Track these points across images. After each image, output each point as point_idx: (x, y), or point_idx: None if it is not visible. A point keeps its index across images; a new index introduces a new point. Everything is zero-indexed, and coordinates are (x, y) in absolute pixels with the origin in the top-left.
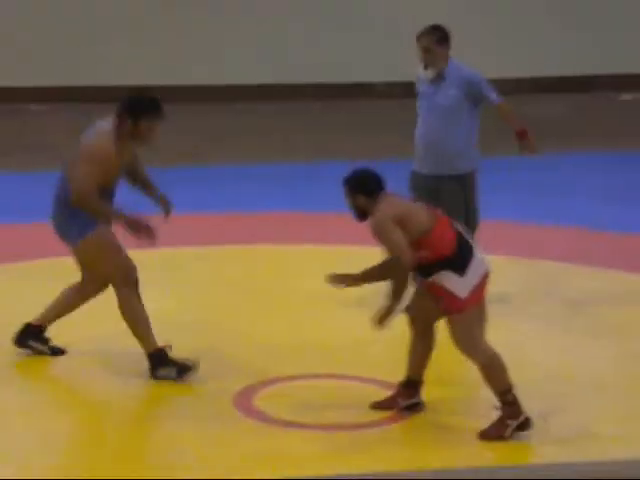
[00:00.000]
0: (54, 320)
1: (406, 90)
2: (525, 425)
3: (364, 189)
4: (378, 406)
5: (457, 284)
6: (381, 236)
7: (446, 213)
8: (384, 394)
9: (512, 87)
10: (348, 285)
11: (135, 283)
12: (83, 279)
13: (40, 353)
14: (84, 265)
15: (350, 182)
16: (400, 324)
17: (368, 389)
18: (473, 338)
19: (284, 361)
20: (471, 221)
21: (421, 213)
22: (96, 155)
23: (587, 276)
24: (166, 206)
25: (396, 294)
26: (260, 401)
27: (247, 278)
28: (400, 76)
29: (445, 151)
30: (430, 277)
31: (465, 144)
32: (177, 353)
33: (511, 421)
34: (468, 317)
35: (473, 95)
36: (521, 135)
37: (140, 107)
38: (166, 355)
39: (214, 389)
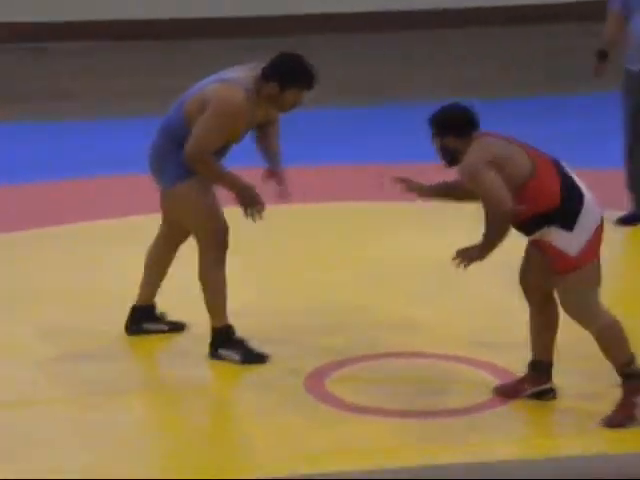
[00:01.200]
0: (156, 291)
1: None
2: None
3: (454, 128)
4: (501, 392)
5: (565, 240)
6: (475, 183)
7: None
8: (481, 376)
9: None
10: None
11: (225, 248)
12: (160, 235)
13: (159, 332)
14: (170, 214)
15: (437, 120)
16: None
17: (460, 369)
18: (587, 302)
19: (358, 338)
20: None
21: (521, 156)
22: (228, 111)
23: None
24: (281, 183)
25: (488, 245)
26: (334, 384)
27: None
28: None
29: None
30: (532, 235)
31: None
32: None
33: (638, 398)
34: (580, 278)
35: None
36: None
37: (294, 76)
38: (233, 335)
39: (283, 371)
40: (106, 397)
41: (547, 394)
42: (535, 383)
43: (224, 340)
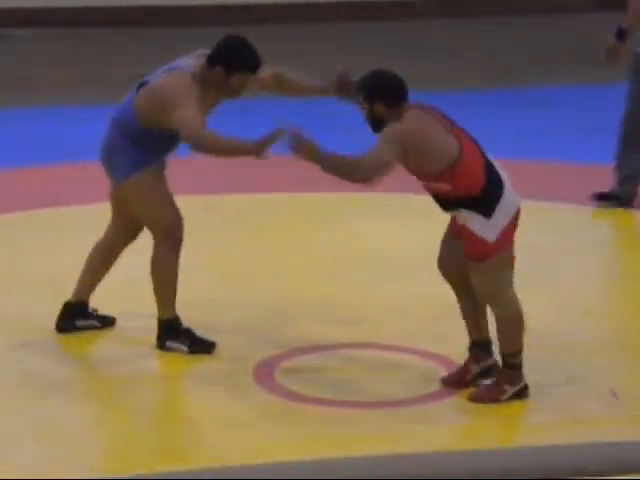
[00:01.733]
0: (94, 289)
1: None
2: (522, 393)
3: (386, 96)
4: (449, 382)
5: (483, 227)
6: (380, 141)
7: None
8: (428, 367)
9: None
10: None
11: (178, 239)
12: (110, 231)
13: (91, 329)
14: (121, 208)
15: (369, 85)
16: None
17: (408, 360)
18: (499, 288)
19: (307, 329)
20: None
21: (448, 137)
22: (184, 83)
23: None
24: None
25: (325, 166)
26: (283, 375)
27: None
28: None
29: None
30: (448, 211)
31: None
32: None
33: (509, 386)
34: (495, 264)
35: None
36: None
37: (238, 60)
38: (180, 326)
39: (232, 361)
40: (53, 389)
41: (492, 371)
42: (477, 361)
43: (171, 331)
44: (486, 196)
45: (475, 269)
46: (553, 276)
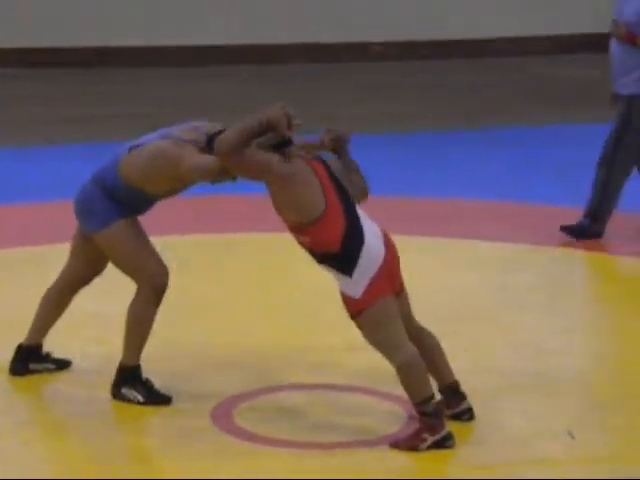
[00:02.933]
0: (47, 331)
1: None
2: (445, 441)
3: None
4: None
5: (347, 284)
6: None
7: None
8: (386, 406)
9: None
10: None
11: (161, 290)
12: (66, 273)
13: (45, 371)
14: (87, 251)
15: None
16: None
17: (367, 401)
18: (386, 339)
19: (265, 369)
20: None
21: (317, 192)
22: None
23: None
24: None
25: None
26: (241, 416)
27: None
28: None
29: None
30: (321, 265)
31: None
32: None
33: (428, 435)
34: (372, 317)
35: None
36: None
37: None
38: (140, 376)
39: (189, 402)
40: (9, 426)
41: (465, 414)
42: (449, 406)
43: (130, 379)
44: (343, 256)
45: (357, 325)
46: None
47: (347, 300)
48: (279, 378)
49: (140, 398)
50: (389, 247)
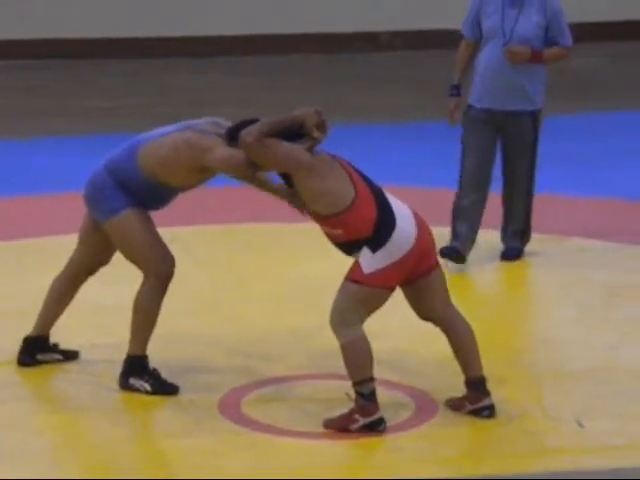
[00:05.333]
0: (54, 322)
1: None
2: (376, 425)
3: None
4: (452, 404)
5: (365, 256)
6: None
7: None
8: (393, 395)
9: None
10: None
11: (170, 275)
12: (73, 262)
13: (53, 362)
14: (96, 241)
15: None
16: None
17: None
18: (347, 316)
19: (274, 359)
20: None
21: (343, 182)
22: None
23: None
24: None
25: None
26: (249, 406)
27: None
28: None
29: None
30: (351, 255)
31: None
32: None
33: (360, 417)
34: (357, 293)
35: None
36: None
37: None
38: (147, 365)
39: (197, 392)
40: (19, 417)
41: (485, 410)
42: (471, 401)
43: (138, 369)
44: (376, 237)
45: (342, 284)
46: None
47: (356, 265)
48: (286, 368)
49: (148, 388)
50: (421, 226)
